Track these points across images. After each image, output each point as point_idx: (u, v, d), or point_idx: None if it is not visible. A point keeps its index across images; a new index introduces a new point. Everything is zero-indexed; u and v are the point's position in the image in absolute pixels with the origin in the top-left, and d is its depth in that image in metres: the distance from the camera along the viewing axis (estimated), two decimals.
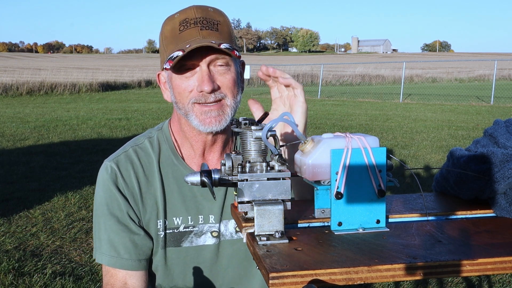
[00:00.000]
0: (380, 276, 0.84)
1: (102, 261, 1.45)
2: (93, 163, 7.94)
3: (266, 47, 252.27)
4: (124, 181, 1.46)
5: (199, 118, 1.40)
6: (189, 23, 1.37)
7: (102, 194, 1.47)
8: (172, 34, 1.39)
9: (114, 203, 1.45)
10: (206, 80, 1.35)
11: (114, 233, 1.45)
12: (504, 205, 1.10)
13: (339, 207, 1.00)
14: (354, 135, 1.01)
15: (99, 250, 1.46)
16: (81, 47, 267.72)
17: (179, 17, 1.39)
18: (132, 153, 1.50)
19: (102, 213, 1.46)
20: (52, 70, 31.38)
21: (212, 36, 1.36)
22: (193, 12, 1.39)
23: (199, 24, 1.37)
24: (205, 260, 1.52)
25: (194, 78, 1.38)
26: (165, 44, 1.41)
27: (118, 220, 1.45)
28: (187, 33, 1.36)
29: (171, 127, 1.56)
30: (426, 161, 8.33)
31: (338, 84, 31.97)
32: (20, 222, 5.21)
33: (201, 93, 1.37)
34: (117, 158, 1.49)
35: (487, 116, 14.89)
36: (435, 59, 72.94)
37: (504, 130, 1.22)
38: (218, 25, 1.39)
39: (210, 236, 1.51)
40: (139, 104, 18.20)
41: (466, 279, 3.92)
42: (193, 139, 1.49)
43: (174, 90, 1.43)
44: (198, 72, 1.38)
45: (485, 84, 28.42)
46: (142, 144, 1.53)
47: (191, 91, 1.39)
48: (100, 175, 1.49)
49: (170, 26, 1.40)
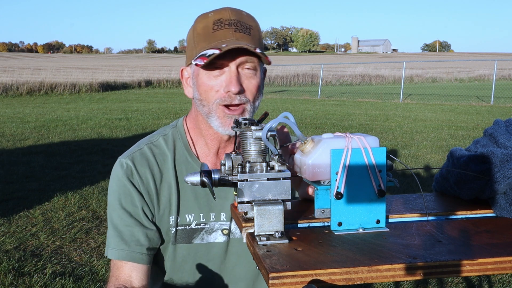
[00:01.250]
0: (380, 276, 0.84)
1: (112, 255, 1.47)
2: (93, 163, 7.94)
3: (266, 47, 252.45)
4: (139, 177, 1.48)
5: (220, 120, 1.42)
6: (224, 23, 1.39)
7: (116, 189, 1.49)
8: (205, 31, 1.40)
9: (127, 198, 1.47)
10: (235, 81, 1.38)
11: (125, 226, 1.47)
12: (504, 205, 1.10)
13: (339, 207, 1.00)
14: (354, 135, 1.01)
15: (110, 246, 1.48)
16: (81, 47, 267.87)
17: (213, 16, 1.42)
18: (147, 151, 1.52)
19: (114, 208, 1.49)
20: (52, 70, 31.39)
21: (245, 39, 1.38)
22: (228, 13, 1.42)
23: (233, 26, 1.39)
24: (214, 257, 1.54)
25: (222, 77, 1.40)
26: (196, 41, 1.42)
27: (131, 215, 1.47)
28: (221, 33, 1.38)
29: (187, 124, 1.58)
30: (426, 161, 8.33)
31: (338, 84, 31.96)
32: (20, 222, 5.21)
33: (227, 94, 1.39)
34: (133, 155, 1.51)
35: (487, 116, 14.89)
36: (435, 59, 72.96)
37: (504, 130, 1.22)
38: (250, 29, 1.42)
39: (221, 234, 1.54)
40: (139, 104, 18.20)
41: (466, 279, 3.92)
42: (209, 137, 1.51)
43: (199, 87, 1.44)
44: (227, 72, 1.40)
45: (485, 84, 28.42)
46: (156, 141, 1.55)
47: (218, 91, 1.40)
48: (115, 171, 1.51)
49: (203, 24, 1.42)
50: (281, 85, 30.09)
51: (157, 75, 30.47)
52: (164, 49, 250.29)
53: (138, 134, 10.73)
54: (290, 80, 31.20)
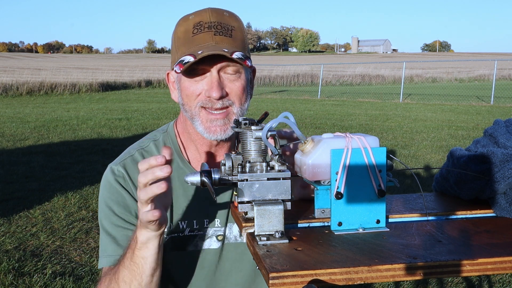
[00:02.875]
0: (380, 276, 0.84)
1: (109, 262, 1.41)
2: (93, 163, 7.94)
3: (266, 47, 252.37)
4: (133, 183, 1.44)
5: (204, 125, 1.39)
6: (203, 26, 1.36)
7: (108, 195, 1.45)
8: (185, 36, 1.38)
9: (121, 204, 1.43)
10: (215, 86, 1.35)
11: (121, 232, 1.42)
12: (504, 205, 1.10)
13: (339, 207, 1.00)
14: (354, 135, 1.01)
15: (106, 253, 1.42)
16: (81, 47, 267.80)
17: (194, 19, 1.39)
18: (139, 157, 1.48)
19: (107, 214, 1.44)
20: (52, 70, 31.34)
21: (225, 42, 1.35)
22: (208, 15, 1.38)
23: (213, 28, 1.36)
24: (209, 264, 1.50)
25: (203, 82, 1.38)
26: (177, 45, 1.40)
27: (125, 221, 1.43)
28: (200, 37, 1.35)
29: (177, 129, 1.55)
30: (426, 161, 8.33)
31: (338, 84, 31.95)
32: (20, 222, 5.21)
33: (209, 98, 1.37)
34: (124, 161, 1.48)
35: (487, 116, 14.89)
36: (435, 59, 72.94)
37: (504, 130, 1.22)
38: (232, 31, 1.38)
39: (216, 240, 1.50)
40: (139, 104, 18.20)
41: (466, 279, 3.92)
42: (198, 142, 1.48)
43: (182, 92, 1.42)
44: (208, 78, 1.37)
45: (485, 84, 28.41)
46: (147, 147, 1.52)
47: (199, 95, 1.38)
48: (106, 178, 1.47)
49: (183, 28, 1.39)
50: (281, 85, 30.09)
51: (157, 75, 30.46)
52: (164, 49, 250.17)
53: (138, 134, 10.72)
54: (290, 80, 31.20)
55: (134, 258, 1.26)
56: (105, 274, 1.39)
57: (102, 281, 1.36)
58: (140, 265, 1.26)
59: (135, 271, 1.27)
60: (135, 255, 1.25)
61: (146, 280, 1.28)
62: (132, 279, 1.27)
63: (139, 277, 1.27)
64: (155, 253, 1.25)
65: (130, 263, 1.26)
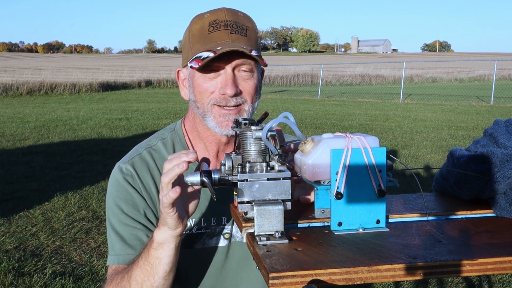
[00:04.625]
0: (380, 276, 0.84)
1: (118, 261, 1.41)
2: (93, 163, 7.94)
3: (266, 47, 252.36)
4: (141, 182, 1.45)
5: (216, 120, 1.40)
6: (219, 25, 1.37)
7: (116, 194, 1.45)
8: (201, 33, 1.39)
9: (129, 203, 1.44)
10: (230, 84, 1.36)
11: (129, 231, 1.42)
12: (504, 205, 1.10)
13: (339, 207, 1.00)
14: (354, 135, 1.01)
15: (114, 251, 1.42)
16: (81, 47, 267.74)
17: (209, 17, 1.40)
18: (147, 155, 1.49)
19: (116, 213, 1.44)
20: (52, 70, 31.37)
21: (240, 41, 1.36)
22: (223, 14, 1.40)
23: (229, 27, 1.37)
24: (216, 262, 1.51)
25: (217, 80, 1.38)
26: (191, 42, 1.41)
27: (134, 219, 1.43)
28: (216, 35, 1.36)
29: (185, 127, 1.55)
30: (426, 161, 8.34)
31: (338, 84, 31.95)
32: (20, 222, 5.21)
33: (223, 96, 1.38)
34: (132, 160, 1.48)
35: (487, 116, 14.89)
36: (435, 59, 72.92)
37: (504, 130, 1.22)
38: (247, 30, 1.40)
39: (222, 238, 1.51)
40: (139, 104, 18.20)
41: (466, 279, 3.92)
42: (207, 139, 1.49)
43: (195, 89, 1.42)
44: (223, 75, 1.38)
45: (485, 84, 28.41)
46: (155, 145, 1.52)
47: (213, 92, 1.39)
48: (114, 176, 1.47)
49: (199, 25, 1.40)
50: (281, 85, 30.09)
51: (157, 75, 30.47)
52: (164, 49, 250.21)
53: (138, 134, 10.73)
54: (290, 80, 31.19)
55: (149, 258, 1.25)
56: (115, 272, 1.39)
57: (114, 278, 1.36)
58: (154, 266, 1.25)
59: (148, 271, 1.26)
60: (150, 255, 1.24)
61: (158, 282, 1.26)
62: (144, 279, 1.26)
63: (151, 277, 1.25)
64: (170, 255, 1.24)
65: (144, 263, 1.26)
